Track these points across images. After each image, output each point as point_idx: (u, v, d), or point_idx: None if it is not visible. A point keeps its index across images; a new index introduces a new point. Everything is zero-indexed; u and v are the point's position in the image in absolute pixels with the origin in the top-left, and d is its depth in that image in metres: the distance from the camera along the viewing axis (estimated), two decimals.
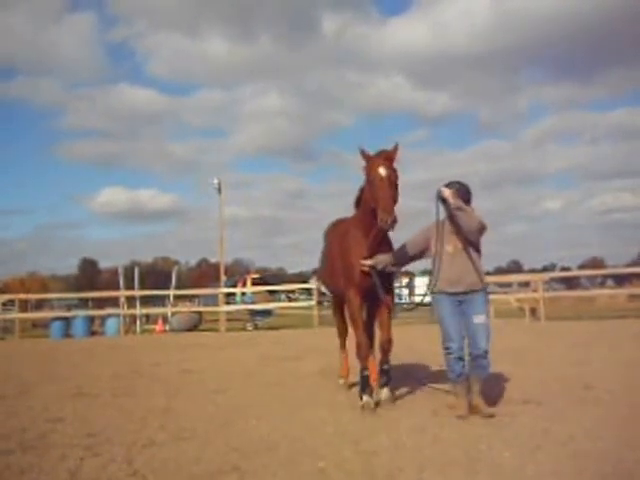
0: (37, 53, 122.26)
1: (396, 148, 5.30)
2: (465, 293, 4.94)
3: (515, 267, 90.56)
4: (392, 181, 5.13)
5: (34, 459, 4.04)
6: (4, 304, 22.21)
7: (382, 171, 5.12)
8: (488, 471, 3.50)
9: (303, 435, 4.45)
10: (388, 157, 5.25)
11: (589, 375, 6.48)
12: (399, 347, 7.13)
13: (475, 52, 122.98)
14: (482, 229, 4.96)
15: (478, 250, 5.05)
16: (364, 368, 5.47)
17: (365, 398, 5.34)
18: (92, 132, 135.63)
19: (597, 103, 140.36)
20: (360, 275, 5.43)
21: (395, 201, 5.08)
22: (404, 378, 6.57)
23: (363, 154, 5.35)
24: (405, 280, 37.75)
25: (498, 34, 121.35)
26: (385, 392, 5.54)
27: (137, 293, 19.49)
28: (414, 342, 11.10)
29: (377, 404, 5.40)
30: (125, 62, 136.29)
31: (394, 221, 4.92)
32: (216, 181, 21.66)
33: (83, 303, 28.26)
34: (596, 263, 79.46)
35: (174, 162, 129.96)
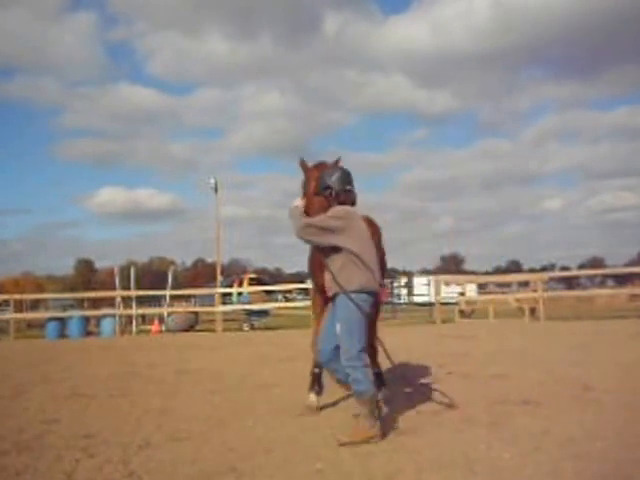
0: (37, 53, 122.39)
1: (337, 162, 5.12)
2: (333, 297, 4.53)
3: (514, 267, 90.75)
4: None
5: (30, 460, 4.00)
6: None
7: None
8: (487, 472, 3.47)
9: (300, 436, 4.42)
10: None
11: (588, 376, 6.46)
12: (396, 348, 7.09)
13: (476, 50, 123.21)
14: (303, 231, 4.43)
15: (347, 252, 4.38)
16: (315, 366, 5.28)
17: (311, 397, 5.25)
18: (91, 131, 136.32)
19: (598, 102, 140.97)
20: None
21: None
22: (401, 379, 6.54)
23: (302, 166, 5.24)
24: (404, 279, 37.79)
25: (499, 32, 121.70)
26: (381, 394, 5.50)
27: (133, 293, 19.42)
28: (411, 343, 11.09)
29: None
30: (125, 62, 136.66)
31: None
32: (213, 180, 21.59)
33: (79, 303, 28.20)
34: (596, 263, 79.66)
35: (173, 162, 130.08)
